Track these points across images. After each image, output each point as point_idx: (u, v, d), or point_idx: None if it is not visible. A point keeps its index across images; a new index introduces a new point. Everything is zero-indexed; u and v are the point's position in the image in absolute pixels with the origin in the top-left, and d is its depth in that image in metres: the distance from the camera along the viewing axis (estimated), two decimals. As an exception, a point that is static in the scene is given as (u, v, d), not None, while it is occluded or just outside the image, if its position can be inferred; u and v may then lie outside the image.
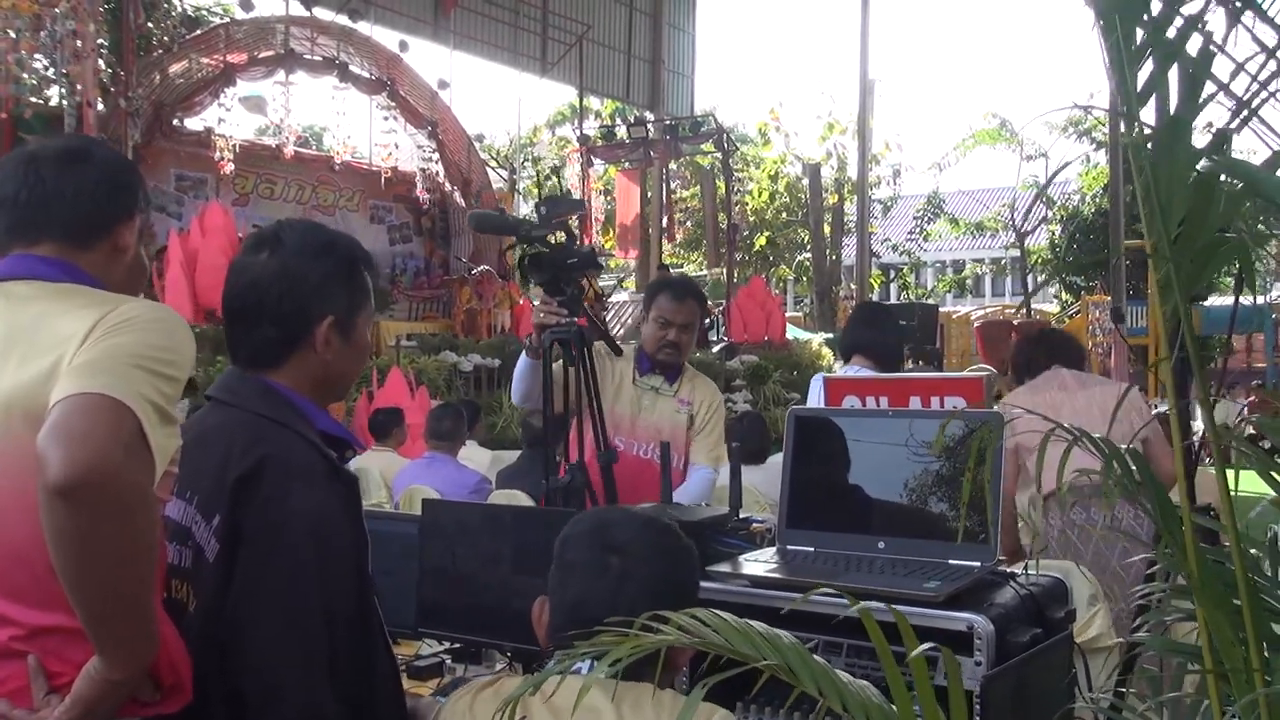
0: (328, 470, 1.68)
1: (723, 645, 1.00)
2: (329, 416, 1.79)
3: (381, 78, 15.52)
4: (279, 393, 1.72)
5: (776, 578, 1.95)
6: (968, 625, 1.74)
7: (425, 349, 11.83)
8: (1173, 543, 0.96)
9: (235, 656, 1.59)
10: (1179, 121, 0.90)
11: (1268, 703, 0.85)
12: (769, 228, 24.77)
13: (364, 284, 1.82)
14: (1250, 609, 0.87)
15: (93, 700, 1.42)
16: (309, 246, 1.77)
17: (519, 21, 18.39)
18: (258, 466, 1.61)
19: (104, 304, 1.52)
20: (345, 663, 1.64)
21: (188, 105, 13.49)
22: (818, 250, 22.03)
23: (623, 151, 18.91)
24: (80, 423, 1.34)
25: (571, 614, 1.57)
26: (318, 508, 1.63)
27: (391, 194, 16.91)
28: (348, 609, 1.67)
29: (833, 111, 23.80)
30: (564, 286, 2.99)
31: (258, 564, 1.59)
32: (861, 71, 18.15)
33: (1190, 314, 0.96)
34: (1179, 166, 0.92)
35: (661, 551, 1.64)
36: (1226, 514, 0.91)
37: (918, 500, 2.04)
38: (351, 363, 1.82)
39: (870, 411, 2.24)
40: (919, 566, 1.93)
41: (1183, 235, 0.93)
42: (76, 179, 1.63)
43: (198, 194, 14.29)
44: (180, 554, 1.69)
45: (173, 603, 1.68)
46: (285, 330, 1.73)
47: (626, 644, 0.96)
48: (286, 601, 1.59)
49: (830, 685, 1.01)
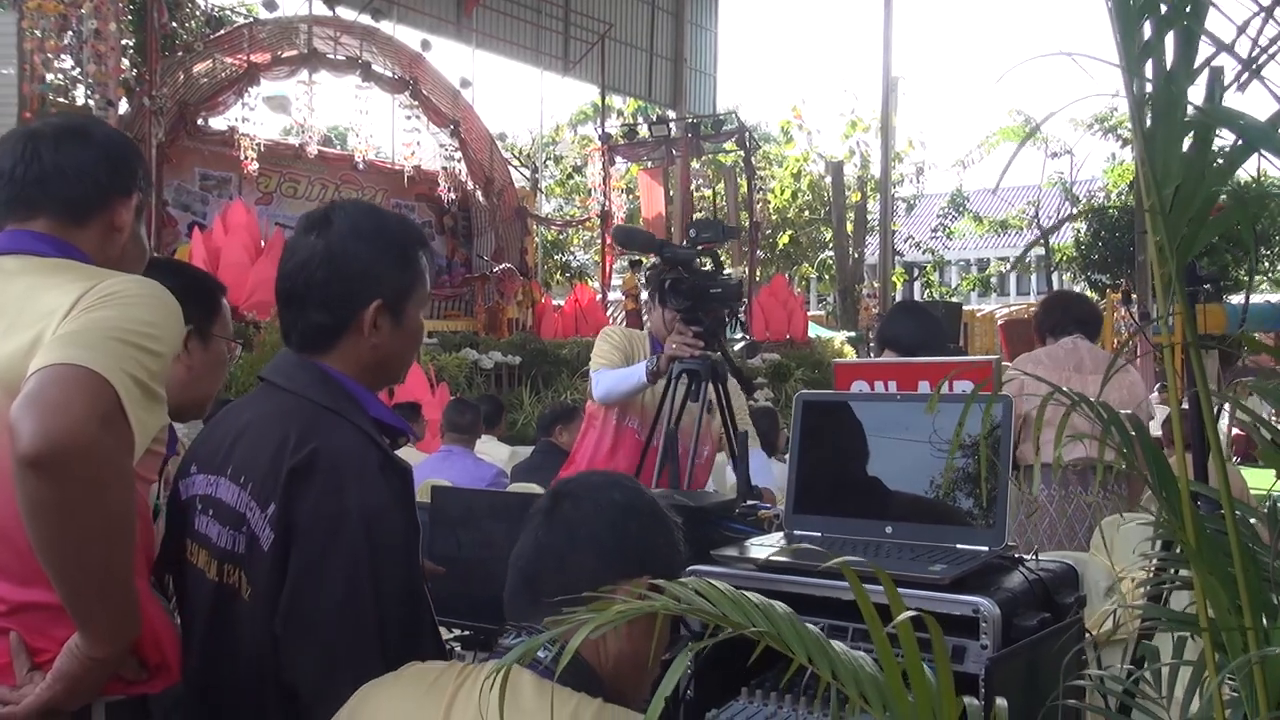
0: (381, 461, 1.64)
1: (712, 613, 0.98)
2: (381, 403, 1.74)
3: (404, 77, 15.60)
4: (334, 379, 1.68)
5: (782, 561, 1.94)
6: (974, 608, 1.71)
7: (446, 347, 11.87)
8: (1169, 510, 0.94)
9: (289, 648, 1.57)
10: (1174, 76, 0.88)
11: (1262, 667, 0.83)
12: (791, 226, 24.72)
13: (415, 266, 1.76)
14: (1244, 573, 0.85)
15: (74, 677, 1.41)
16: (358, 228, 1.71)
17: (541, 20, 18.43)
18: (311, 458, 1.57)
19: (91, 278, 1.50)
20: (394, 654, 1.58)
21: (212, 105, 13.61)
22: (840, 248, 21.96)
23: (645, 150, 18.92)
24: (55, 393, 1.31)
25: (516, 568, 1.48)
26: (371, 503, 1.59)
27: (414, 193, 16.99)
28: (398, 600, 1.63)
29: (855, 109, 23.79)
30: (702, 316, 2.84)
31: (312, 558, 1.56)
32: (884, 69, 18.08)
33: (1183, 276, 0.94)
34: (1175, 125, 0.91)
35: (617, 506, 1.48)
36: (1220, 478, 0.89)
37: (926, 485, 2.01)
38: (403, 346, 1.76)
39: (878, 396, 2.22)
40: (926, 550, 1.91)
41: (1179, 195, 0.92)
42: (75, 156, 1.62)
43: (221, 193, 14.42)
44: (234, 539, 1.64)
45: (221, 587, 1.66)
46: (332, 314, 1.69)
47: (577, 625, 0.91)
48: (340, 597, 1.55)
49: (821, 654, 0.99)
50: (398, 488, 1.65)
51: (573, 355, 13.16)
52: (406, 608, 1.65)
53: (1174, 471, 0.95)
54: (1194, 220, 0.92)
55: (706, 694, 1.90)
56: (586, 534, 1.45)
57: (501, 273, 15.44)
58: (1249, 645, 0.86)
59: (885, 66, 18.06)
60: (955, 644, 1.74)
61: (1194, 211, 0.91)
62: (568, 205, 25.55)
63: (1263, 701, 0.86)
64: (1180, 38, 0.91)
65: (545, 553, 1.46)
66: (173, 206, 13.69)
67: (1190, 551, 0.85)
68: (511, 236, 17.71)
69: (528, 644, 0.97)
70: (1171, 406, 0.87)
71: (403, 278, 1.72)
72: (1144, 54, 0.93)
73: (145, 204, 1.76)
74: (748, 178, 19.04)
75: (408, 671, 1.42)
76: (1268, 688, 0.85)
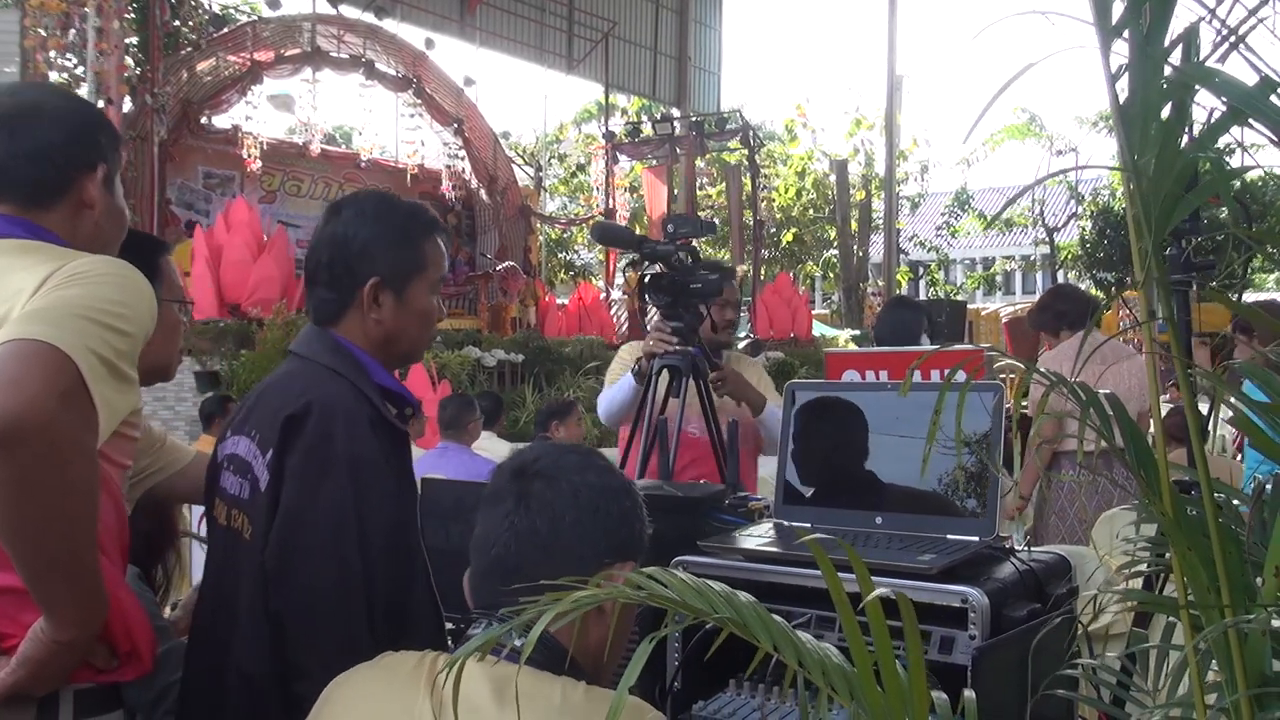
0: (373, 418, 1.74)
1: (674, 601, 0.96)
2: (388, 373, 1.85)
3: (407, 75, 15.59)
4: (344, 346, 1.80)
5: (770, 551, 1.91)
6: (962, 598, 1.69)
7: (449, 345, 11.85)
8: (1148, 490, 0.92)
9: (277, 579, 1.65)
10: (1150, 36, 0.86)
11: (1240, 645, 0.81)
12: (796, 224, 24.66)
13: (419, 247, 1.85)
14: (1222, 552, 0.83)
15: (39, 661, 1.39)
16: (363, 213, 1.84)
17: (545, 18, 18.41)
18: (306, 407, 1.69)
19: (60, 259, 1.47)
20: (383, 601, 1.71)
21: (215, 103, 13.61)
22: (845, 247, 21.90)
23: (649, 148, 18.88)
24: (14, 368, 1.28)
25: (487, 553, 1.44)
26: (358, 451, 1.69)
27: (418, 191, 16.95)
28: (387, 548, 1.73)
29: (860, 107, 23.72)
30: (682, 312, 2.84)
31: (300, 497, 1.66)
32: (889, 67, 18.05)
33: (1163, 250, 0.92)
34: (1151, 90, 0.88)
35: (595, 489, 1.43)
36: (1198, 451, 0.86)
37: (917, 475, 1.99)
38: (409, 324, 1.85)
39: (869, 385, 2.19)
40: (915, 541, 1.89)
41: (1158, 162, 0.89)
42: (29, 141, 1.57)
43: (225, 191, 14.42)
44: (241, 486, 1.78)
45: (229, 532, 1.78)
46: (335, 290, 1.82)
47: (551, 612, 0.89)
48: (326, 535, 1.65)
49: (787, 643, 0.97)
50: (388, 446, 1.76)
51: (575, 353, 13.14)
52: (397, 559, 1.75)
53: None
54: (1170, 191, 0.90)
55: (694, 686, 1.88)
56: (571, 520, 1.41)
57: (505, 271, 15.42)
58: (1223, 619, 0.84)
59: (890, 64, 18.03)
60: (944, 634, 1.72)
61: (1171, 181, 0.89)
62: (571, 204, 25.52)
63: (1240, 681, 0.84)
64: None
65: (525, 540, 1.41)
66: (176, 205, 13.69)
67: (1168, 527, 0.83)
68: (515, 235, 17.69)
69: (493, 631, 0.94)
70: (1150, 382, 0.85)
71: (402, 257, 1.83)
72: (1121, 22, 0.91)
73: (116, 170, 1.69)
74: (752, 176, 19.00)
75: (383, 661, 1.40)
76: (1245, 667, 0.83)
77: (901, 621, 1.73)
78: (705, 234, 2.98)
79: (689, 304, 2.82)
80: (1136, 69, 0.88)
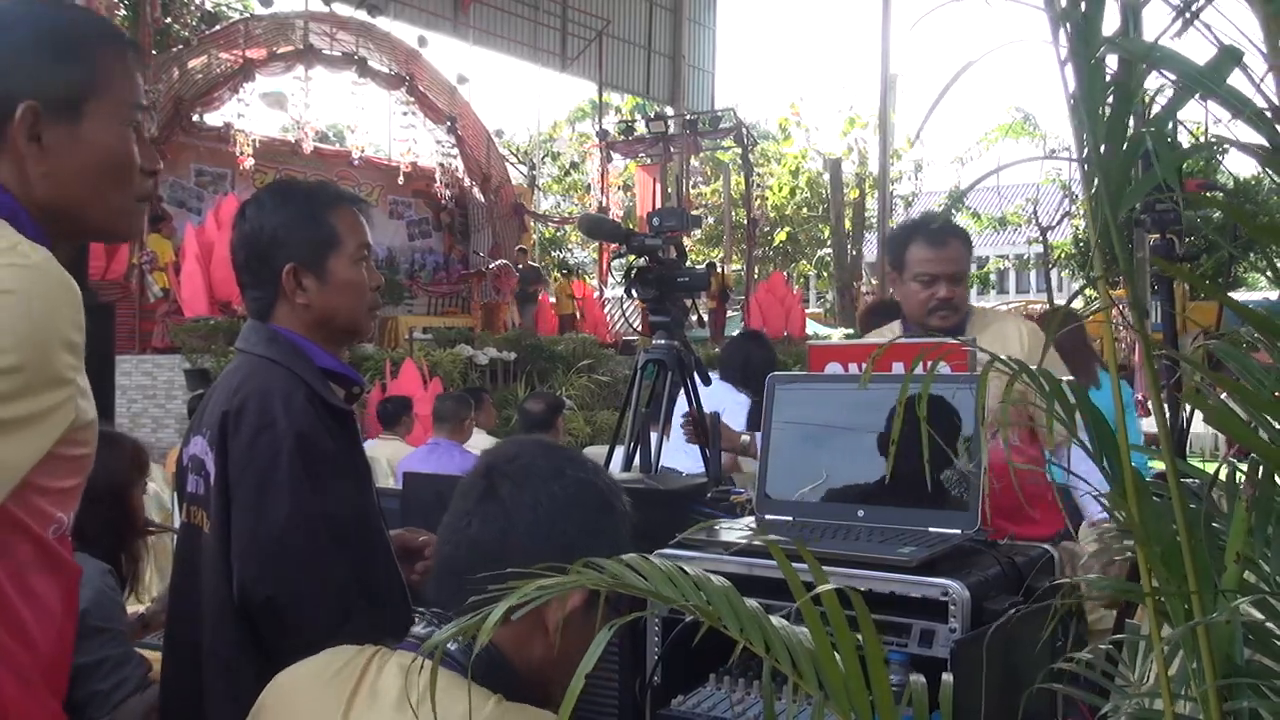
0: (309, 395, 1.77)
1: (644, 588, 0.95)
2: (330, 356, 1.86)
3: (400, 73, 15.57)
4: (282, 336, 1.82)
5: (750, 544, 1.90)
6: (943, 591, 1.69)
7: (441, 343, 11.84)
8: (1112, 480, 0.91)
9: (253, 569, 1.67)
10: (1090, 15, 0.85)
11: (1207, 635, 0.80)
12: (790, 223, 24.67)
13: (325, 223, 1.84)
14: (1188, 538, 0.82)
15: None
16: (264, 205, 1.86)
17: (538, 17, 18.41)
18: (243, 401, 1.73)
19: None
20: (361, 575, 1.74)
21: (207, 101, 13.59)
22: (839, 246, 21.91)
23: (642, 147, 18.89)
24: None
25: (444, 555, 1.37)
26: (298, 424, 1.72)
27: (410, 189, 16.96)
28: (349, 519, 1.75)
29: (854, 106, 23.73)
30: (669, 306, 2.82)
31: (256, 481, 1.69)
32: (883, 66, 18.05)
33: (1120, 231, 0.92)
34: (1093, 69, 0.88)
35: (558, 501, 1.34)
36: (1164, 439, 0.86)
37: (898, 467, 1.98)
38: (337, 299, 1.85)
39: (850, 377, 2.18)
40: (897, 534, 1.88)
41: (1106, 143, 0.89)
42: None
43: (217, 189, 14.41)
44: (197, 483, 1.81)
45: (189, 527, 1.82)
46: (260, 287, 1.85)
47: (485, 617, 0.84)
48: (280, 514, 1.67)
49: (755, 629, 0.96)
50: (329, 422, 1.78)
51: (568, 351, 13.13)
52: (357, 537, 1.77)
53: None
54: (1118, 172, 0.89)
55: (673, 681, 1.87)
56: (523, 530, 1.32)
57: (497, 268, 15.40)
58: (1194, 613, 0.83)
59: (884, 63, 18.03)
60: (924, 627, 1.71)
61: (1122, 156, 0.88)
62: (565, 202, 25.52)
63: (1209, 671, 0.83)
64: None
65: (473, 547, 1.33)
66: (168, 203, 13.66)
67: (1129, 515, 0.82)
68: (509, 233, 17.68)
69: (437, 635, 0.92)
70: (1109, 365, 0.84)
71: (311, 236, 1.83)
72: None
73: (89, 95, 1.27)
74: (745, 175, 19.01)
75: (321, 656, 1.34)
76: (1213, 656, 0.82)
77: (888, 614, 1.71)
78: (691, 228, 2.98)
79: (675, 298, 2.81)
80: (1077, 50, 0.87)
